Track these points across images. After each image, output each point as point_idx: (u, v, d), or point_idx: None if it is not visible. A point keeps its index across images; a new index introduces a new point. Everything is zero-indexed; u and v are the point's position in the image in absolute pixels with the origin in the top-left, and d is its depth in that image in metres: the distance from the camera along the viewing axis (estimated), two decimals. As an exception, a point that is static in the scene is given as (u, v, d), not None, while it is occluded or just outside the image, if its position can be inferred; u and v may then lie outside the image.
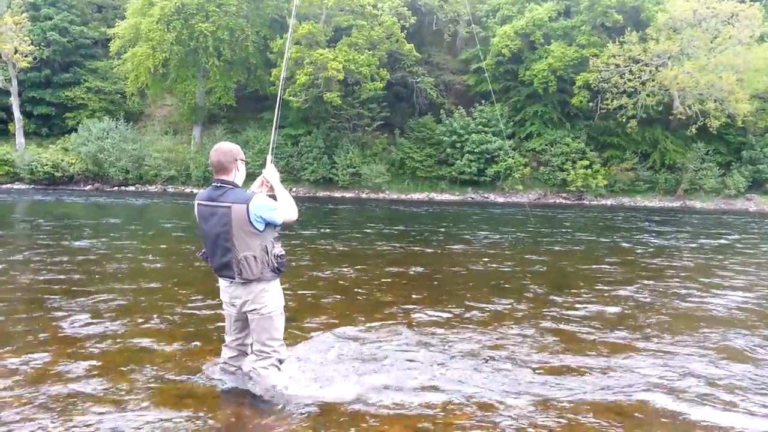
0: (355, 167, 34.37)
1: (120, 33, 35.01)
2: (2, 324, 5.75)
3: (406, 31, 34.63)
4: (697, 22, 31.99)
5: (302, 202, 28.01)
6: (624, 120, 33.31)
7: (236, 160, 3.96)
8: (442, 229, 16.97)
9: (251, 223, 3.79)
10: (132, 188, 34.65)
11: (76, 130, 35.55)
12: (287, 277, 8.45)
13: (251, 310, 3.98)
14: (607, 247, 13.75)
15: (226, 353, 4.32)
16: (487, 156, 34.41)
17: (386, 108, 35.49)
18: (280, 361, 4.13)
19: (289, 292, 7.57)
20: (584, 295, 7.88)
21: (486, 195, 34.73)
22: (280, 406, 3.96)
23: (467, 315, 6.67)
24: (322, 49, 32.12)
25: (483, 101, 36.06)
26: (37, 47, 35.02)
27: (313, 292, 7.70)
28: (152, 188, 34.65)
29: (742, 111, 30.80)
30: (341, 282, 8.50)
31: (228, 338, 4.28)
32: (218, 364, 4.45)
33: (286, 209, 3.97)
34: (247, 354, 4.27)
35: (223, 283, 4.06)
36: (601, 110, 34.17)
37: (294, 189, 34.20)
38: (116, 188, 34.40)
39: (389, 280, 8.84)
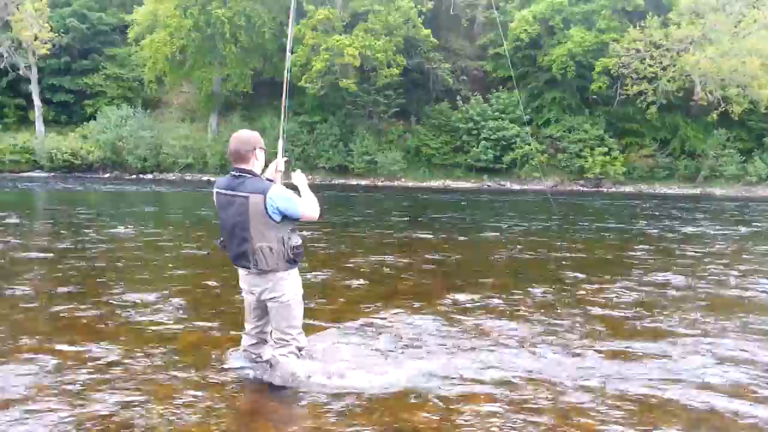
0: (371, 154, 34.32)
1: (138, 19, 35.12)
2: (72, 311, 5.79)
3: (423, 17, 34.39)
4: (721, 6, 31.50)
5: (319, 189, 28.00)
6: (644, 106, 32.95)
7: (255, 148, 3.92)
8: (471, 218, 16.94)
9: (268, 213, 3.77)
10: (150, 176, 34.85)
11: (94, 118, 35.79)
12: (328, 265, 8.48)
13: (270, 298, 3.97)
14: (638, 234, 13.65)
15: (246, 341, 4.32)
16: (504, 143, 34.23)
17: (402, 95, 35.34)
18: (300, 349, 4.12)
19: (333, 280, 7.60)
20: (625, 281, 7.82)
21: (502, 182, 34.59)
22: (299, 394, 3.94)
23: (510, 301, 6.64)
24: (339, 35, 31.99)
25: (500, 87, 35.81)
26: (57, 34, 35.16)
27: (354, 278, 7.70)
28: (170, 176, 34.83)
29: (765, 97, 30.39)
30: (384, 269, 8.50)
31: (248, 326, 4.27)
32: (239, 351, 4.45)
33: (307, 205, 3.93)
34: (266, 341, 4.26)
35: (241, 271, 4.06)
36: (621, 96, 33.85)
37: (309, 176, 33.81)
38: (134, 176, 34.61)
39: (430, 267, 8.85)
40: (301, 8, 33.87)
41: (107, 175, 34.54)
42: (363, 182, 34.15)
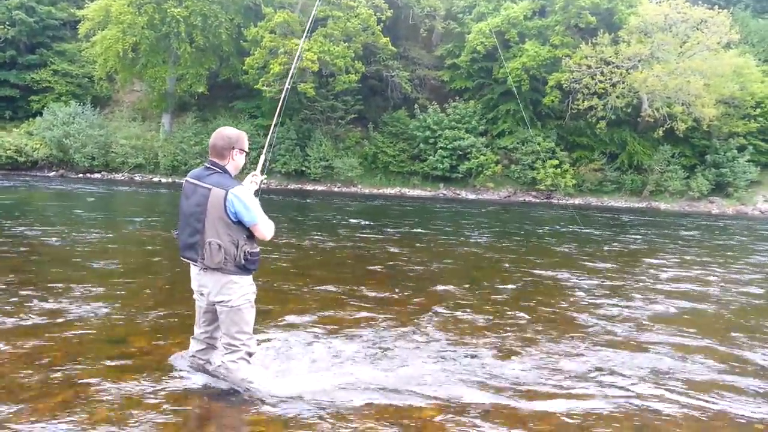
0: (327, 160, 34.19)
1: (89, 15, 34.00)
2: (18, 310, 5.55)
3: (382, 25, 34.51)
4: (668, 27, 32.72)
5: (275, 193, 27.73)
6: (594, 121, 33.86)
7: (234, 148, 3.89)
8: (496, 228, 16.93)
9: (226, 211, 3.72)
10: (98, 175, 33.78)
11: (41, 114, 34.48)
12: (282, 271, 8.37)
13: (220, 302, 3.88)
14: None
15: (194, 346, 4.22)
16: (460, 153, 34.63)
17: (360, 101, 35.39)
18: (250, 354, 4.05)
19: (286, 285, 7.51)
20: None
21: (457, 191, 34.96)
22: (249, 400, 3.89)
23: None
24: (297, 39, 31.80)
25: (457, 97, 36.27)
26: (2, 26, 33.80)
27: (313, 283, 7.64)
28: (118, 176, 33.84)
29: (707, 115, 31.60)
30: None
31: (197, 330, 4.18)
32: (186, 357, 4.35)
33: (263, 221, 3.83)
34: (215, 347, 4.18)
35: (193, 269, 3.96)
36: (572, 110, 34.67)
37: (265, 181, 33.71)
38: (81, 175, 33.48)
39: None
40: (260, 11, 33.56)
41: (52, 174, 33.29)
42: (319, 188, 33.95)
